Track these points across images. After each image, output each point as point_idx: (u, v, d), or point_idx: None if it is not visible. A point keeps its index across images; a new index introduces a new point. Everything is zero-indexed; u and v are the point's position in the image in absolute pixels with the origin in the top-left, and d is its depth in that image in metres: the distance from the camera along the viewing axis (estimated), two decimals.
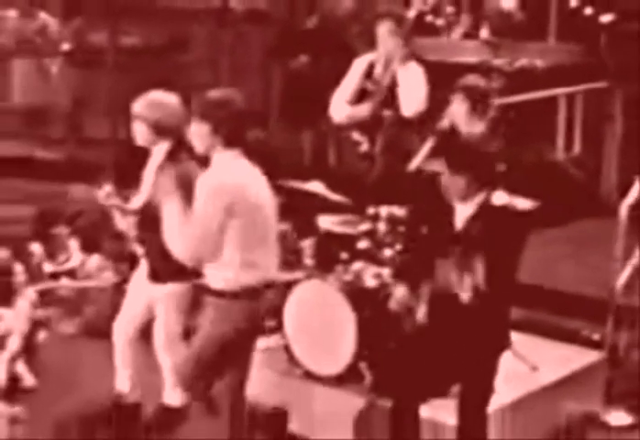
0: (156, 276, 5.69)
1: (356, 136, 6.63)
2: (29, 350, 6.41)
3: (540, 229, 8.03)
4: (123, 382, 6.01)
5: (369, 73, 6.64)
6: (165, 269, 5.50)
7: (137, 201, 5.75)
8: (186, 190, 5.10)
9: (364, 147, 6.60)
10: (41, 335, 6.65)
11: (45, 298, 7.14)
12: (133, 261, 6.10)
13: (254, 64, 11.33)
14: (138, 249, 5.83)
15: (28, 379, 6.48)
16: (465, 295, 4.75)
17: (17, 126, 11.73)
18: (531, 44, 9.67)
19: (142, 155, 5.83)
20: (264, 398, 6.02)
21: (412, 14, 6.64)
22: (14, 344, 5.20)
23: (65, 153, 10.97)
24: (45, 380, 6.52)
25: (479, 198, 4.87)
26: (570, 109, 9.60)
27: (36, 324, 6.46)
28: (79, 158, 10.60)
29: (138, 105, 5.71)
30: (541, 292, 7.11)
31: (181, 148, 5.64)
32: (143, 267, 5.81)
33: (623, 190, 7.00)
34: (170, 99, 5.74)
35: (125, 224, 5.80)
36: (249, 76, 11.28)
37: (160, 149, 5.70)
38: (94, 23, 11.82)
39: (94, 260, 7.87)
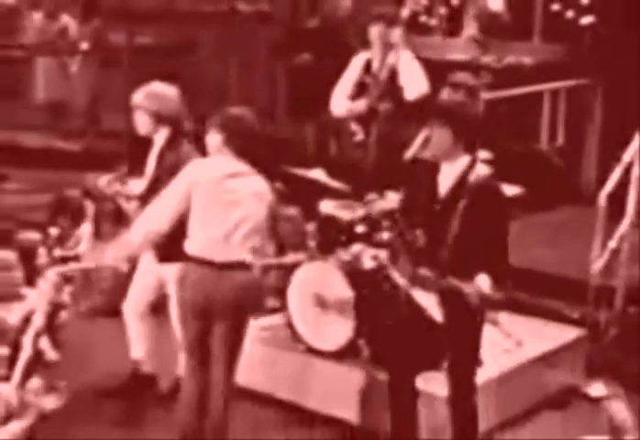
0: (162, 257, 5.68)
1: (353, 126, 6.64)
2: (51, 328, 6.40)
3: (524, 215, 8.06)
4: (138, 356, 6.02)
5: (367, 69, 6.63)
6: (171, 250, 5.47)
7: (140, 186, 5.76)
8: None
9: (359, 136, 6.60)
10: (62, 315, 6.65)
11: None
12: None
13: (260, 62, 11.31)
14: None
15: (51, 354, 6.48)
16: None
17: (40, 120, 11.75)
18: (517, 43, 9.67)
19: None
20: (268, 373, 6.05)
21: (405, 14, 6.63)
22: (38, 320, 5.19)
23: (84, 145, 10.97)
24: (65, 355, 6.54)
25: (462, 162, 4.82)
26: (554, 104, 9.59)
27: (57, 305, 6.45)
28: (96, 149, 10.60)
29: (139, 96, 5.73)
30: (525, 275, 7.10)
31: (179, 136, 5.67)
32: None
33: (602, 179, 7.01)
34: (168, 90, 5.75)
35: (130, 208, 5.80)
36: (256, 73, 11.27)
37: (160, 138, 5.71)
38: (111, 24, 11.82)
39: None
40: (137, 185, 5.78)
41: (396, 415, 5.08)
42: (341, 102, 6.70)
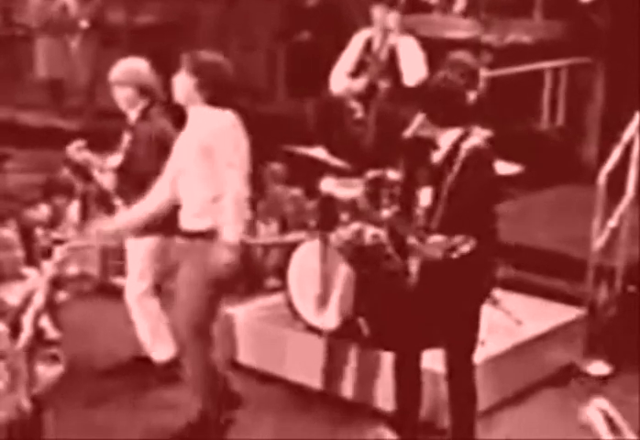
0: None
1: (352, 104, 6.64)
2: (51, 307, 6.41)
3: (524, 193, 8.06)
4: (144, 336, 6.00)
5: (367, 48, 6.63)
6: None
7: (115, 159, 5.79)
8: (159, 143, 5.31)
9: (358, 114, 6.60)
10: (62, 295, 6.64)
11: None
12: None
13: (261, 39, 11.28)
14: (119, 203, 5.84)
15: (52, 333, 6.48)
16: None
17: (40, 99, 11.73)
18: (518, 21, 9.61)
19: None
20: (267, 351, 6.05)
21: None
22: (39, 299, 5.19)
23: (83, 123, 10.94)
24: (65, 335, 6.53)
25: (448, 137, 4.79)
26: (555, 83, 9.55)
27: (57, 284, 6.45)
28: (96, 127, 10.57)
29: (119, 73, 5.79)
30: (525, 253, 7.09)
31: (152, 107, 5.72)
32: None
33: (603, 158, 6.99)
34: (141, 63, 5.84)
35: (105, 180, 5.81)
36: (257, 51, 11.23)
37: (135, 111, 5.74)
38: (111, 2, 11.77)
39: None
40: (115, 159, 5.82)
41: (400, 393, 5.09)
42: (340, 79, 6.71)
